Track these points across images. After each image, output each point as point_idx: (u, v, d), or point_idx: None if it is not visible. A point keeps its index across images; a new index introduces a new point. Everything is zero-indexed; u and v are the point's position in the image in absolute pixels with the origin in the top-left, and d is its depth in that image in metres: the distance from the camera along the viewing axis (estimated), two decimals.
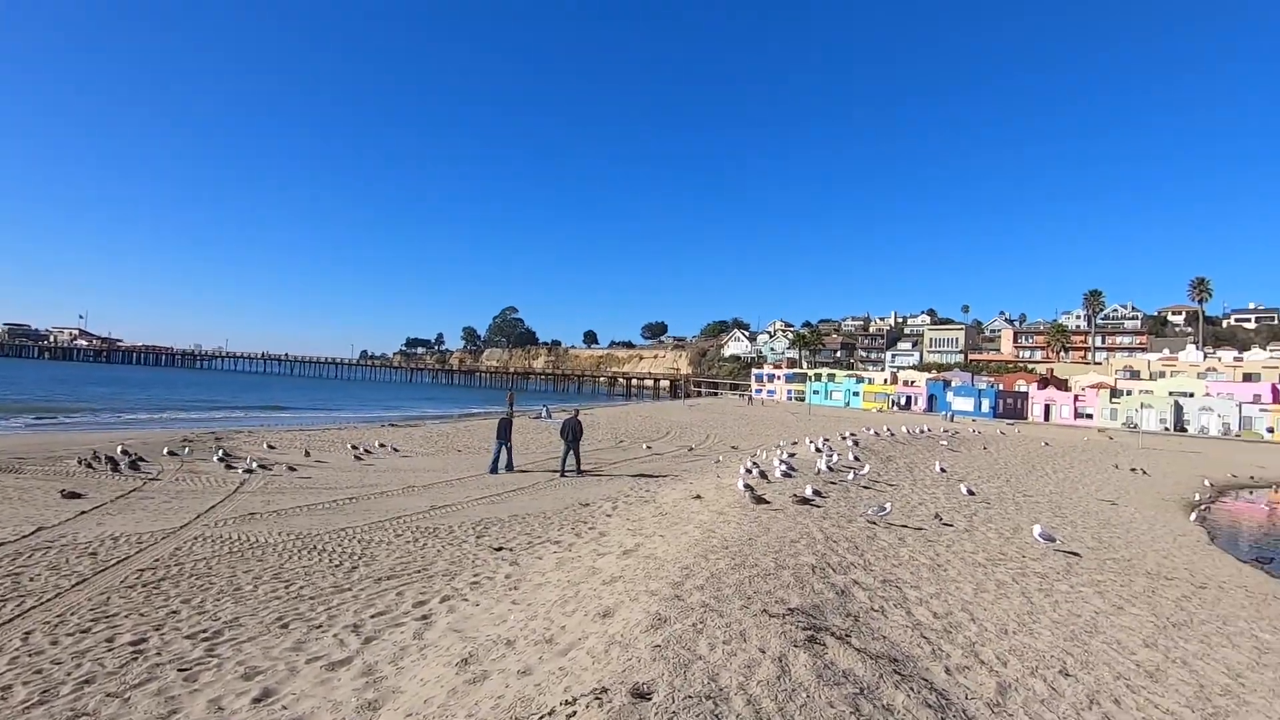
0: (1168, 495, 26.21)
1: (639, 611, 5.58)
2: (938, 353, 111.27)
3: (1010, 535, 13.34)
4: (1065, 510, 19.59)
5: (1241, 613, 10.37)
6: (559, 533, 11.80)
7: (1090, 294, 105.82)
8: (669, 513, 12.65)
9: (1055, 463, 31.56)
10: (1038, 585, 9.12)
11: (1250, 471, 36.49)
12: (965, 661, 5.70)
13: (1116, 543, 15.61)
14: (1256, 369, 70.84)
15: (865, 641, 5.47)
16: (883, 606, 6.77)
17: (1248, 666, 7.10)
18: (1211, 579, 13.11)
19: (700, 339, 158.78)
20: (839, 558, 8.45)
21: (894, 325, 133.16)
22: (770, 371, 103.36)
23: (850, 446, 24.72)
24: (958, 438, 36.73)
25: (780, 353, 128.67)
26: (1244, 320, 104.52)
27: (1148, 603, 9.39)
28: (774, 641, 4.87)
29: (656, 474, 20.04)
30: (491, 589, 8.26)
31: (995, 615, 7.32)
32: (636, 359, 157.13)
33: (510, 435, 19.70)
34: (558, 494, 16.27)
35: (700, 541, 8.72)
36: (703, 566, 7.10)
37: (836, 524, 10.93)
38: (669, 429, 38.12)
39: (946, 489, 18.88)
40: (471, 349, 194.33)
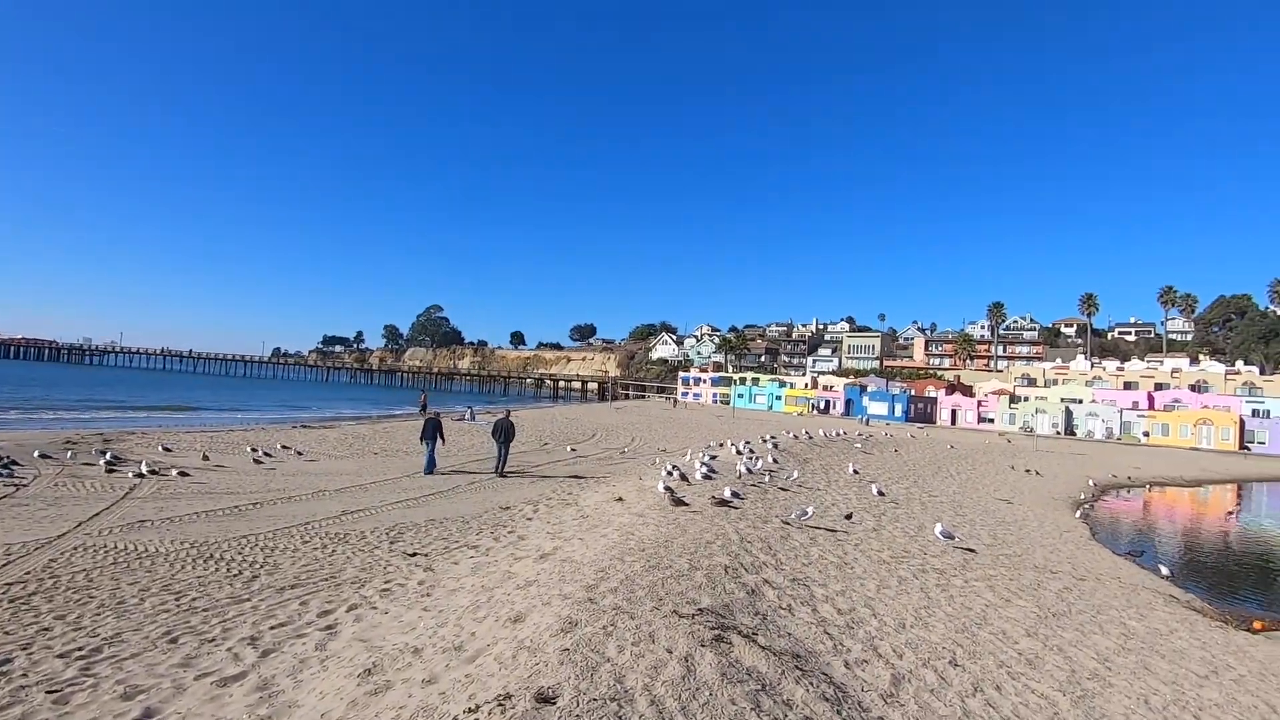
0: (1057, 494, 28.22)
1: (550, 615, 5.57)
2: (856, 359, 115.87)
3: (914, 534, 14.04)
4: (966, 509, 20.78)
5: (1114, 602, 11.30)
6: (477, 537, 11.59)
7: (993, 306, 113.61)
8: (590, 515, 12.64)
9: (959, 464, 33.44)
10: (936, 581, 9.64)
11: (1128, 472, 39.77)
12: (864, 655, 5.97)
13: (1010, 539, 16.69)
14: (1135, 378, 77.35)
15: (771, 639, 5.64)
16: (790, 605, 7.00)
17: (1115, 651, 7.75)
18: (1090, 572, 14.21)
19: (629, 342, 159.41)
20: (752, 558, 8.67)
21: (815, 332, 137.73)
22: (697, 375, 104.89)
23: (770, 449, 25.40)
24: (871, 441, 38.37)
25: (707, 356, 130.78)
26: (1126, 333, 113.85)
27: (1033, 595, 10.09)
28: (682, 641, 4.95)
29: (580, 476, 19.98)
30: (403, 596, 8.03)
31: (895, 610, 7.70)
32: (564, 361, 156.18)
33: (437, 435, 19.44)
34: (478, 497, 15.98)
35: (618, 544, 8.76)
36: (618, 569, 7.14)
37: (753, 525, 11.21)
38: (594, 431, 38.08)
39: (859, 490, 19.69)
40: (393, 348, 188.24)
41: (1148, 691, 6.53)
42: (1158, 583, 15.09)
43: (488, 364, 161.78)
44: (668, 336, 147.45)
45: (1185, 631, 10.08)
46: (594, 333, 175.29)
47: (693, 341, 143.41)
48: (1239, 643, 10.27)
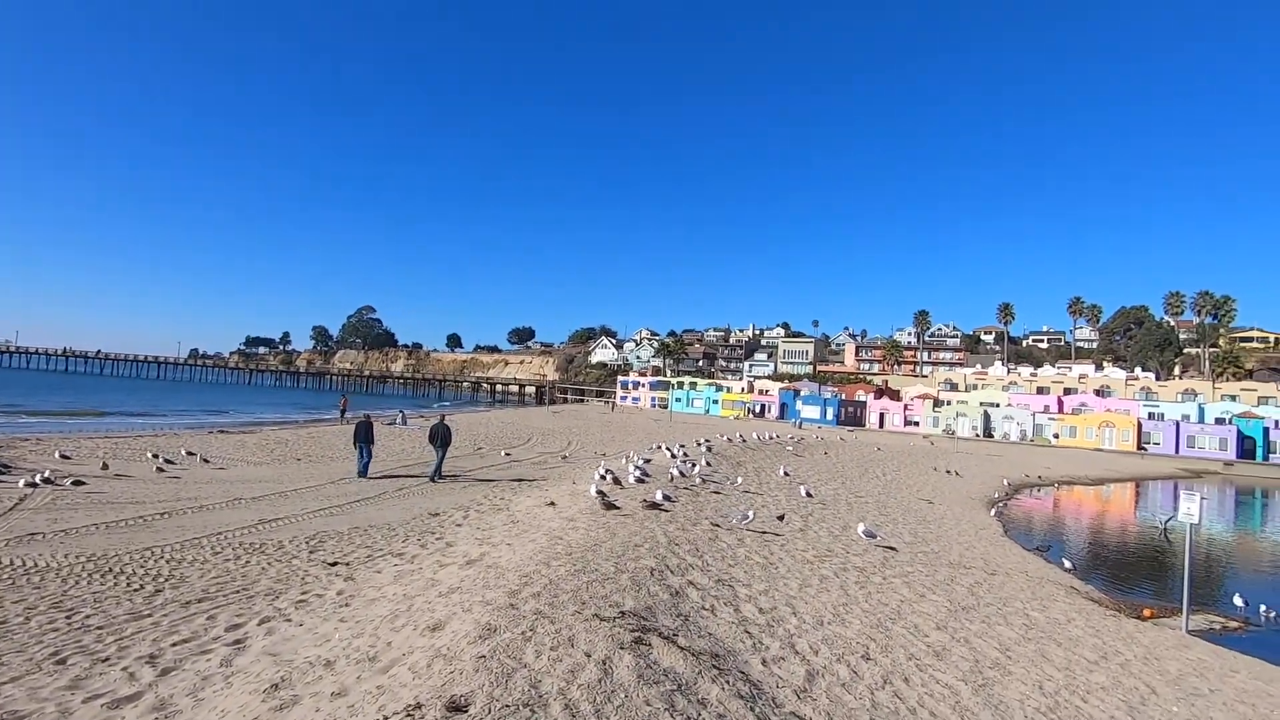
0: (974, 494, 29.67)
1: (470, 622, 5.49)
2: (790, 364, 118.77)
3: (839, 533, 14.51)
4: (890, 509, 21.59)
5: (1020, 594, 11.96)
6: (403, 544, 11.30)
7: (919, 314, 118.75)
8: (520, 520, 12.52)
9: (885, 466, 34.71)
10: (856, 579, 9.99)
11: (1039, 472, 42.17)
12: (782, 653, 6.13)
13: (929, 537, 17.44)
14: (1047, 383, 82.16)
15: (691, 639, 5.73)
16: (714, 605, 7.12)
17: (1016, 641, 8.21)
18: (1001, 567, 15.00)
19: (568, 345, 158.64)
20: (679, 560, 8.78)
21: (752, 337, 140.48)
22: (636, 379, 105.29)
23: (704, 453, 25.74)
24: (803, 443, 39.40)
25: (646, 360, 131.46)
26: (1039, 341, 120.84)
27: (946, 590, 10.58)
28: (601, 645, 4.97)
29: (514, 481, 19.76)
30: (319, 607, 7.76)
31: (815, 608, 7.93)
32: (502, 364, 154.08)
33: (369, 439, 19.12)
34: (407, 504, 15.59)
35: (545, 549, 8.72)
36: (543, 574, 7.11)
37: (682, 527, 11.34)
38: (531, 435, 37.72)
39: (788, 491, 20.19)
40: (322, 349, 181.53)
41: (1042, 678, 6.96)
42: (1061, 576, 16.05)
43: (422, 367, 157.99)
44: (607, 340, 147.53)
45: (1082, 621, 10.76)
46: (533, 336, 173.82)
47: (632, 345, 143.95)
48: (1129, 630, 11.04)
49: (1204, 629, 12.77)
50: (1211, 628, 13.12)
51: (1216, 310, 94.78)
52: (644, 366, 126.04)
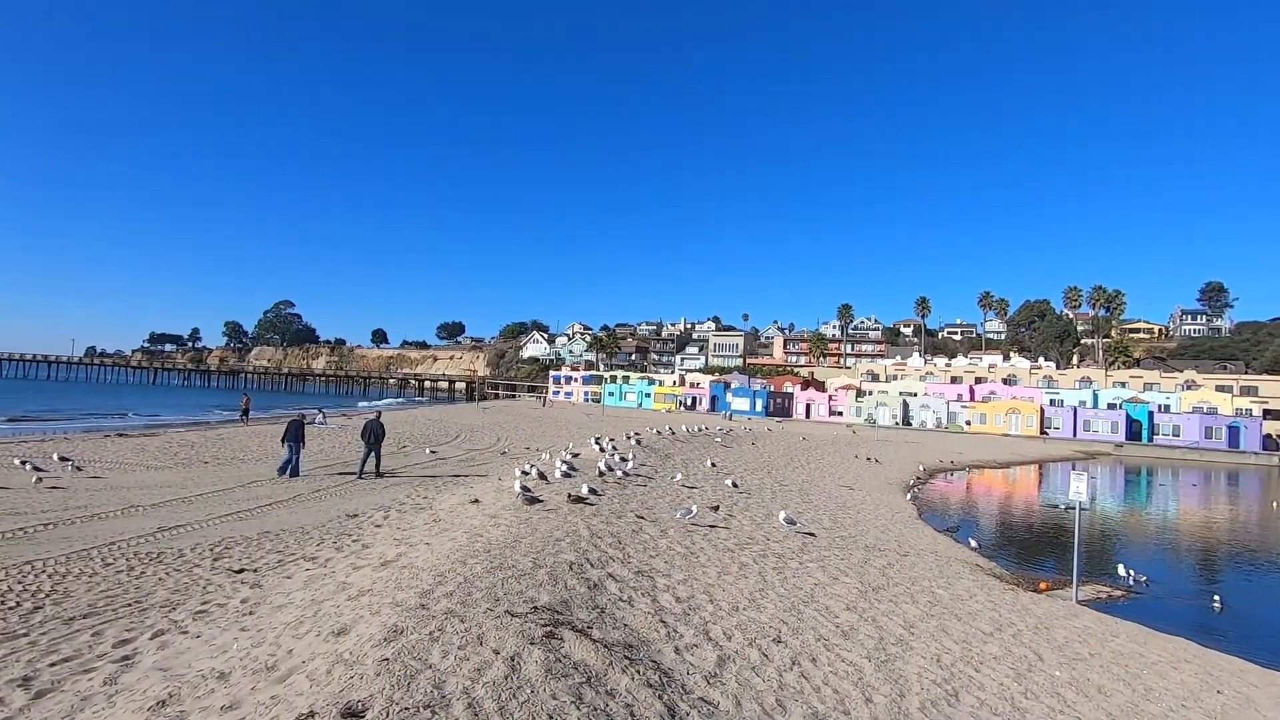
0: (892, 479, 31.01)
1: (376, 625, 5.34)
2: (721, 357, 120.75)
3: (762, 521, 14.88)
4: (812, 496, 22.31)
5: (928, 573, 12.59)
6: (317, 548, 10.88)
7: (843, 308, 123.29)
8: (443, 519, 12.27)
9: (809, 455, 35.83)
10: (774, 565, 10.28)
11: (952, 457, 44.49)
12: (695, 640, 6.24)
13: (848, 522, 18.12)
14: (960, 373, 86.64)
15: (605, 632, 5.76)
16: (631, 596, 7.17)
17: (920, 618, 8.64)
18: (913, 547, 15.73)
19: (499, 340, 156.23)
20: (600, 553, 8.80)
21: (684, 331, 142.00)
22: (568, 373, 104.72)
23: (634, 446, 25.88)
24: (732, 435, 40.18)
25: (578, 355, 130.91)
26: (953, 333, 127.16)
27: (859, 572, 11.03)
28: (511, 641, 4.94)
29: (440, 479, 19.33)
30: (221, 617, 7.38)
31: (732, 595, 8.12)
32: (431, 360, 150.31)
33: (300, 438, 18.69)
34: (323, 505, 15.01)
35: (464, 547, 8.57)
36: (458, 572, 6.99)
37: (606, 520, 11.37)
38: (459, 432, 36.97)
39: (715, 482, 20.56)
40: (236, 346, 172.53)
41: (941, 651, 7.35)
42: (968, 554, 16.99)
43: (346, 364, 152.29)
44: (539, 335, 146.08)
45: (983, 595, 11.43)
46: (462, 331, 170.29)
47: (564, 340, 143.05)
48: (1025, 602, 11.80)
49: (1092, 599, 13.80)
50: (1099, 597, 14.19)
51: (1109, 304, 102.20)
52: (577, 361, 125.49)
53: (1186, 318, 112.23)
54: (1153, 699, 7.35)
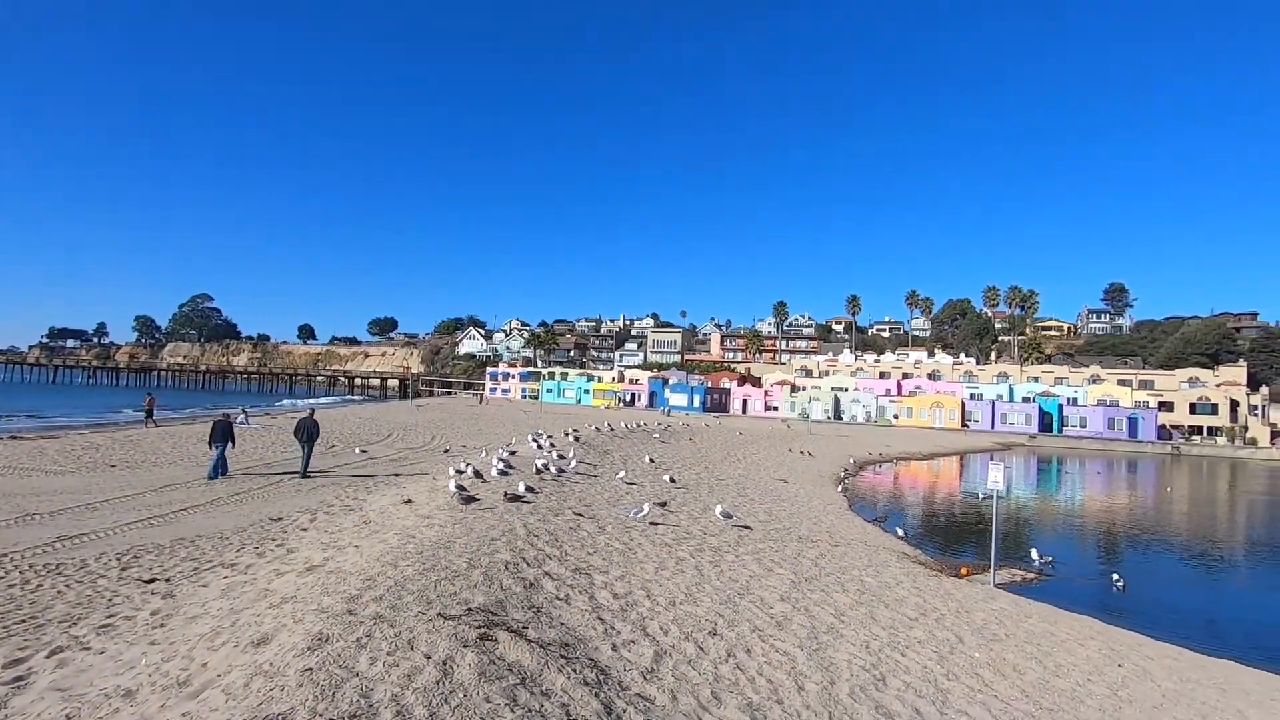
0: (824, 472, 31.93)
1: (300, 634, 5.11)
2: (659, 353, 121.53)
3: (699, 515, 15.05)
4: (748, 490, 22.73)
5: (858, 563, 13.01)
6: (237, 554, 10.35)
7: (778, 305, 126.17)
8: (373, 521, 11.88)
9: (746, 450, 36.50)
10: (710, 559, 10.41)
11: (881, 449, 46.18)
12: (633, 636, 6.25)
13: (782, 515, 18.54)
14: (888, 369, 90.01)
15: (541, 631, 5.69)
16: (568, 595, 7.12)
17: (850, 606, 8.92)
18: (844, 538, 16.24)
19: (434, 336, 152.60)
20: (537, 551, 8.70)
21: (623, 327, 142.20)
22: (506, 370, 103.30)
23: (572, 443, 25.75)
24: (670, 430, 40.51)
25: (516, 351, 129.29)
26: (882, 330, 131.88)
27: (793, 563, 11.29)
28: (443, 645, 4.81)
29: (370, 479, 18.72)
30: (128, 631, 6.91)
31: (669, 590, 8.17)
32: (362, 356, 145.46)
33: (227, 439, 18.13)
34: (244, 509, 14.29)
35: (395, 549, 8.32)
36: (389, 575, 6.77)
37: (543, 518, 11.25)
38: (391, 431, 35.91)
39: (653, 478, 20.68)
40: (148, 342, 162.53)
41: (869, 637, 7.61)
42: (895, 543, 17.66)
43: (270, 360, 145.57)
44: (476, 331, 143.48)
45: (909, 582, 11.90)
46: (395, 326, 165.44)
47: (502, 336, 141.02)
48: (947, 587, 12.35)
49: (1008, 582, 14.57)
50: (1014, 580, 15.00)
51: (1024, 303, 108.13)
52: (514, 358, 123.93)
53: (1092, 316, 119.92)
54: (1061, 675, 7.81)
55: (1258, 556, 22.47)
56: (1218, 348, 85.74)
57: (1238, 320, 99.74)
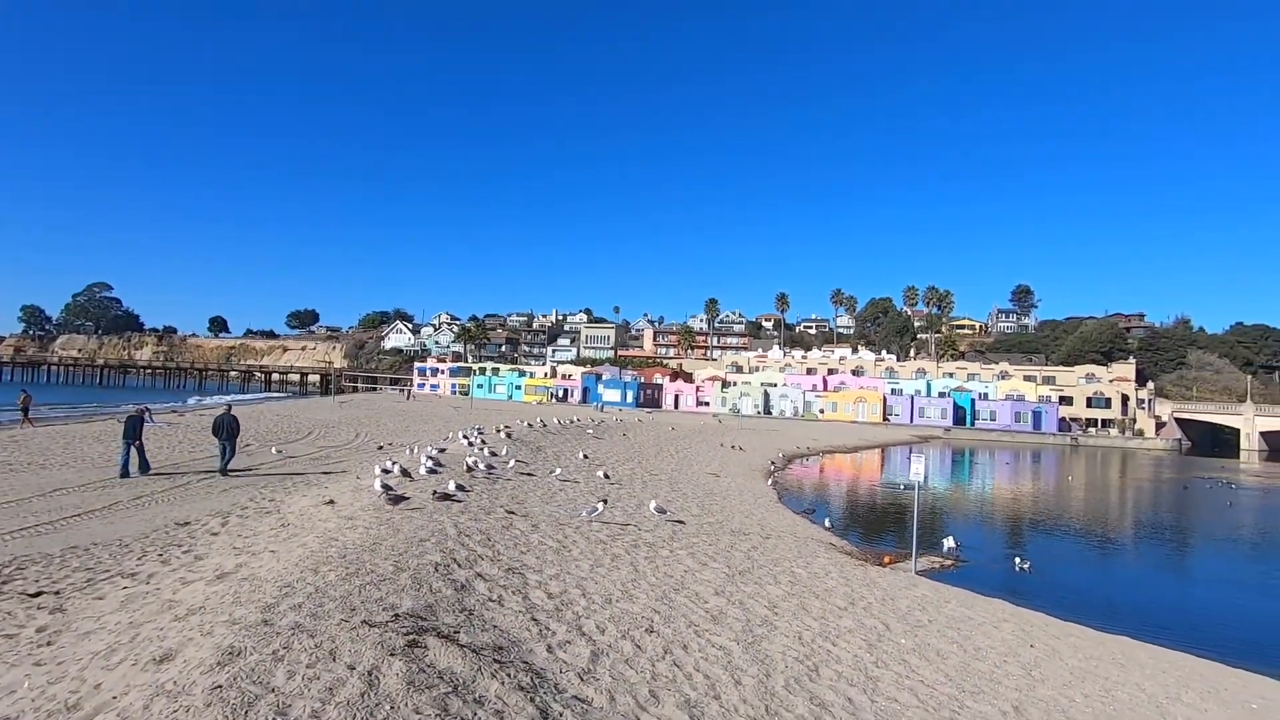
0: (755, 466, 32.57)
1: (208, 648, 4.74)
2: (592, 349, 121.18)
3: (633, 511, 15.02)
4: (681, 485, 22.90)
5: (789, 554, 13.29)
6: (139, 562, 9.59)
7: (709, 302, 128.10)
8: (292, 523, 11.27)
9: (678, 445, 36.81)
10: (645, 554, 10.38)
11: (808, 443, 47.54)
12: (568, 636, 6.12)
13: (714, 508, 18.75)
14: (815, 365, 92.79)
15: (474, 635, 5.48)
16: (501, 596, 6.92)
17: (782, 597, 9.07)
18: (775, 530, 16.57)
19: (358, 330, 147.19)
20: (468, 552, 8.43)
21: (555, 322, 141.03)
22: (434, 365, 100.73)
23: (504, 439, 25.29)
24: (603, 426, 40.42)
25: (445, 346, 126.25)
26: (809, 327, 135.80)
27: (726, 557, 11.41)
28: (368, 654, 4.55)
29: (289, 480, 17.79)
30: (9, 651, 6.26)
31: (604, 587, 8.07)
32: (280, 351, 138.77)
33: (139, 435, 17.28)
34: (147, 514, 13.30)
35: (316, 553, 7.88)
36: (308, 582, 6.40)
37: (475, 517, 10.95)
38: (311, 429, 34.32)
39: (586, 474, 20.53)
40: (37, 335, 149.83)
41: (802, 628, 7.75)
42: (822, 534, 18.16)
43: (176, 355, 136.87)
44: (403, 325, 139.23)
45: (837, 572, 12.23)
46: (316, 319, 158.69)
47: (430, 330, 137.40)
48: (873, 576, 12.77)
49: (928, 569, 15.22)
50: (933, 567, 15.68)
51: (940, 303, 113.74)
52: (444, 352, 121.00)
53: (1002, 316, 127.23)
54: (980, 657, 8.18)
55: (1145, 539, 24.36)
56: (1111, 346, 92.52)
57: (1128, 321, 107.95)
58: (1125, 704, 7.41)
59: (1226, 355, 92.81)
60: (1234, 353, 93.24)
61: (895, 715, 5.84)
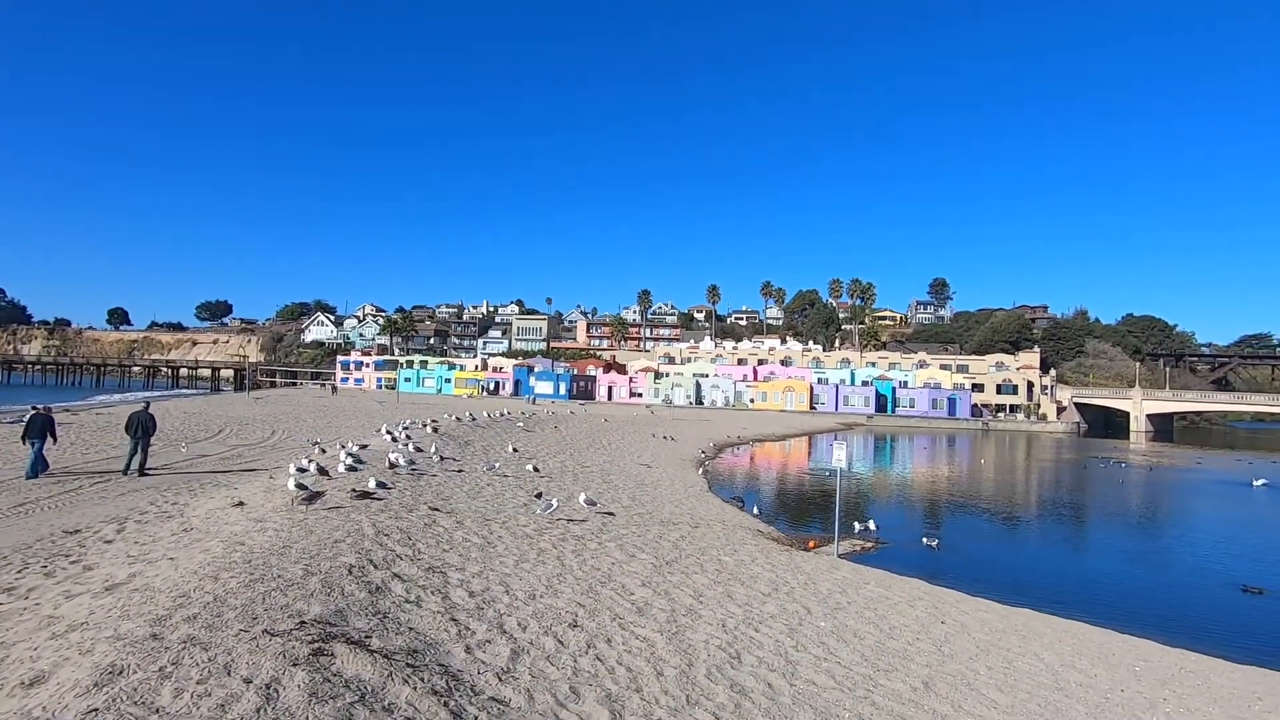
0: (686, 456, 32.91)
1: (86, 667, 4.36)
2: (525, 340, 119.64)
3: (563, 504, 14.88)
4: (612, 476, 22.88)
5: (716, 543, 13.46)
6: (18, 575, 8.78)
7: (642, 293, 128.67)
8: (197, 528, 10.59)
9: (611, 436, 36.79)
10: (573, 548, 10.28)
11: (739, 432, 48.43)
12: (488, 635, 5.97)
13: (645, 499, 18.82)
14: (746, 355, 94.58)
15: (387, 639, 5.27)
16: (420, 596, 6.69)
17: (708, 586, 9.16)
18: (704, 519, 16.76)
19: (276, 322, 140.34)
20: (386, 552, 8.13)
21: (486, 314, 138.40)
22: (359, 359, 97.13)
23: (430, 434, 24.62)
24: (535, 419, 39.96)
25: (371, 339, 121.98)
26: (740, 319, 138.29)
27: (654, 548, 11.44)
28: (267, 665, 4.29)
29: (197, 481, 16.75)
30: None
31: (529, 583, 7.94)
32: (189, 344, 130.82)
33: (46, 433, 16.67)
34: (29, 522, 12.22)
35: (219, 559, 7.42)
36: (207, 590, 6.00)
37: (395, 515, 10.58)
38: (224, 426, 32.47)
39: (517, 468, 20.23)
40: None
41: (726, 616, 7.85)
42: (751, 521, 18.51)
43: (72, 348, 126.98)
44: (324, 317, 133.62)
45: (763, 559, 12.47)
46: (229, 311, 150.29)
47: (354, 322, 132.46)
48: (797, 561, 13.09)
49: (849, 552, 15.74)
50: (854, 550, 16.23)
51: (863, 295, 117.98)
52: (369, 345, 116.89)
53: (920, 307, 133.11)
54: (895, 636, 8.49)
55: (1048, 516, 26.04)
56: (1018, 336, 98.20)
57: (1034, 312, 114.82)
58: (1025, 673, 7.85)
59: (1119, 344, 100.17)
60: (1125, 342, 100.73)
61: (812, 697, 5.98)
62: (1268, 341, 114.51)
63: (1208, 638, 11.32)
